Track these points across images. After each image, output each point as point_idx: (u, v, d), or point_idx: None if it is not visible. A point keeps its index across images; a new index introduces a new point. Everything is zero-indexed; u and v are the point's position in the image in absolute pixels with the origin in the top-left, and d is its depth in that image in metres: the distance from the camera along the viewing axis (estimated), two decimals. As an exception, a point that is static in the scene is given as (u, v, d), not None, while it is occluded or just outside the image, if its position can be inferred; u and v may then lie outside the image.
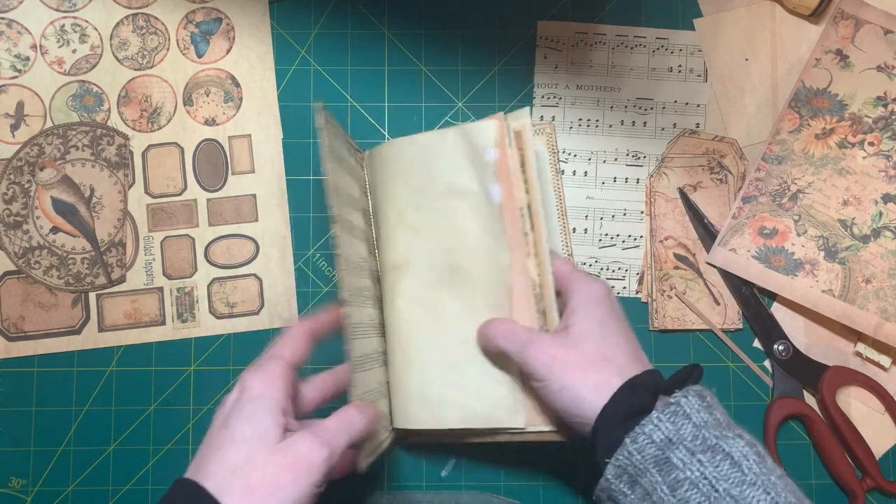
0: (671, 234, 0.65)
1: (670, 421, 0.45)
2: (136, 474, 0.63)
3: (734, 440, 0.45)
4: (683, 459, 0.44)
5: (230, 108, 0.66)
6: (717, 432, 0.45)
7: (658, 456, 0.45)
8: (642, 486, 0.45)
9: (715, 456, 0.44)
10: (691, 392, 0.47)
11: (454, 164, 0.57)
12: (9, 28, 0.65)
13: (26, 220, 0.65)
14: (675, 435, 0.45)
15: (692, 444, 0.44)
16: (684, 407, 0.46)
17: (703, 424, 0.45)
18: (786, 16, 0.67)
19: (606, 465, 0.47)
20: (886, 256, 0.63)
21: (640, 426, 0.46)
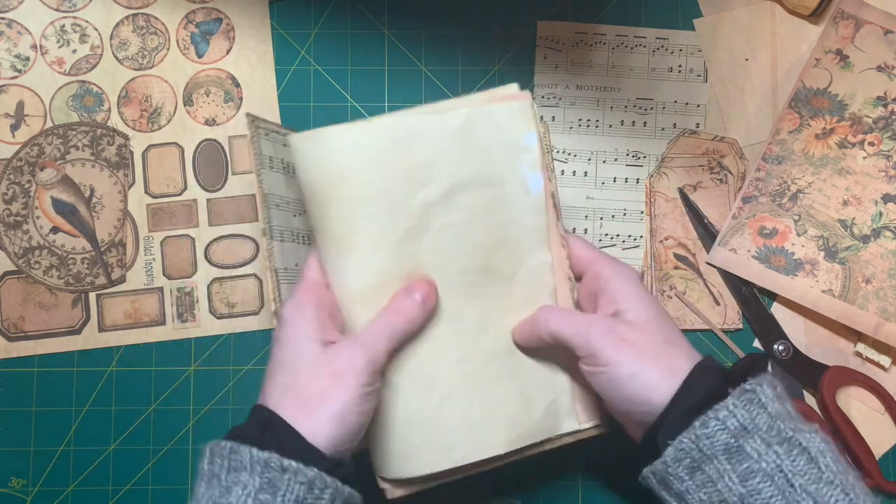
0: (671, 234, 0.65)
1: (745, 408, 0.42)
2: (136, 474, 0.63)
3: (811, 435, 0.42)
4: (758, 450, 0.42)
5: (230, 108, 0.66)
6: (792, 425, 0.43)
7: (730, 444, 0.42)
8: (706, 472, 0.43)
9: (791, 449, 0.42)
10: (765, 381, 0.44)
11: (482, 148, 0.49)
12: (9, 28, 0.65)
13: (26, 220, 0.65)
14: (750, 423, 0.42)
15: (767, 435, 0.42)
16: (760, 395, 0.43)
17: (777, 415, 0.43)
18: (786, 16, 0.67)
19: (666, 447, 0.44)
20: (886, 256, 0.63)
21: (714, 410, 0.43)
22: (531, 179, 0.50)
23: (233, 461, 0.42)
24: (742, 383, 0.44)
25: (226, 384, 0.64)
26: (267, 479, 0.41)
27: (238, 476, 0.41)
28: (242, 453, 0.42)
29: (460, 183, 0.49)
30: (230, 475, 0.42)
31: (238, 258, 0.65)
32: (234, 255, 0.65)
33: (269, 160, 0.54)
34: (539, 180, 0.50)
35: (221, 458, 0.43)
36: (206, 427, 0.63)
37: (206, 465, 0.44)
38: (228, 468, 0.42)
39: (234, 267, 0.65)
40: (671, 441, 0.44)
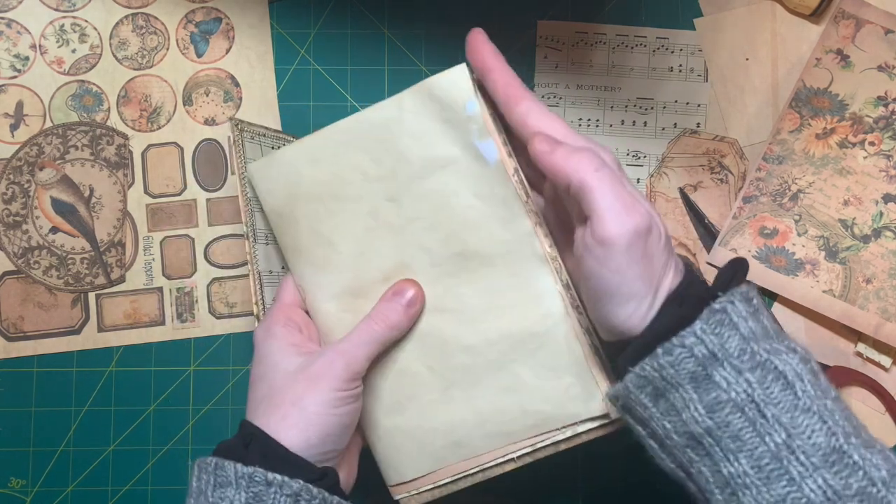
0: (672, 234, 0.65)
1: (715, 333, 0.39)
2: (135, 474, 0.63)
3: (787, 355, 0.39)
4: (728, 378, 0.38)
5: (230, 108, 0.66)
6: (767, 345, 0.39)
7: (697, 372, 0.39)
8: (669, 400, 0.40)
9: (766, 375, 0.38)
10: (738, 295, 0.40)
11: (424, 131, 0.47)
12: (8, 28, 0.65)
13: (26, 220, 0.64)
14: (719, 350, 0.39)
15: (738, 362, 0.38)
16: (731, 315, 0.39)
17: (751, 336, 0.39)
18: (786, 16, 0.67)
19: (628, 373, 0.41)
20: (887, 256, 0.63)
21: (679, 337, 0.39)
22: (484, 148, 0.46)
23: (218, 477, 0.42)
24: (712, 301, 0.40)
25: (225, 384, 0.64)
26: (253, 494, 0.41)
27: (224, 492, 0.42)
28: (227, 469, 0.42)
29: (414, 172, 0.48)
30: (216, 491, 0.42)
31: (237, 258, 0.65)
32: (233, 255, 0.65)
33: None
34: (493, 147, 0.46)
35: (207, 475, 0.43)
36: (205, 427, 0.63)
37: (194, 481, 0.44)
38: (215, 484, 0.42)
39: (233, 267, 0.65)
40: (632, 368, 0.41)
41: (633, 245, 0.41)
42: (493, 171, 0.47)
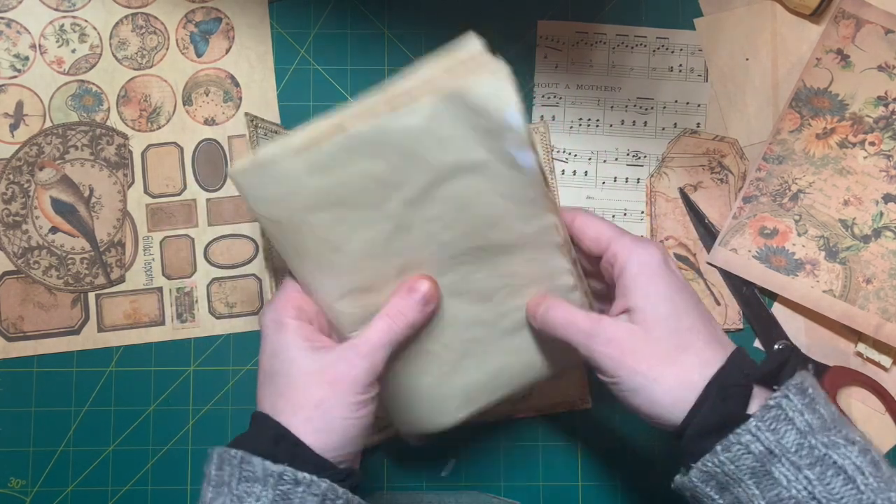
0: (671, 234, 0.65)
1: (770, 429, 0.40)
2: (135, 474, 0.63)
3: (846, 448, 0.40)
4: (787, 475, 0.39)
5: (230, 108, 0.66)
6: (825, 439, 0.40)
7: (756, 468, 0.40)
8: (734, 494, 0.41)
9: (825, 471, 0.39)
10: (792, 389, 0.41)
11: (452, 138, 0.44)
12: (8, 28, 0.65)
13: (25, 220, 0.64)
14: (776, 446, 0.40)
15: (797, 457, 0.39)
16: (787, 410, 0.40)
17: (808, 430, 0.40)
18: (786, 15, 0.67)
19: (691, 466, 0.42)
20: (887, 256, 0.63)
21: (736, 435, 0.40)
22: (521, 157, 0.45)
23: (244, 472, 0.42)
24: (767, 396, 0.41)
25: (225, 384, 0.64)
26: (281, 492, 0.41)
27: (251, 487, 0.41)
28: (255, 465, 0.42)
29: (437, 177, 0.45)
30: (241, 485, 0.42)
31: (237, 258, 0.65)
32: (233, 255, 0.65)
33: None
34: (529, 156, 0.45)
35: (231, 467, 0.42)
36: (205, 427, 0.63)
37: (213, 470, 0.43)
38: (239, 478, 0.42)
39: (233, 267, 0.65)
40: (694, 463, 0.42)
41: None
42: (527, 178, 0.46)
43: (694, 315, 0.44)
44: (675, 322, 0.43)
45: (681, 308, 0.44)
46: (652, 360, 0.43)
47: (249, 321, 0.64)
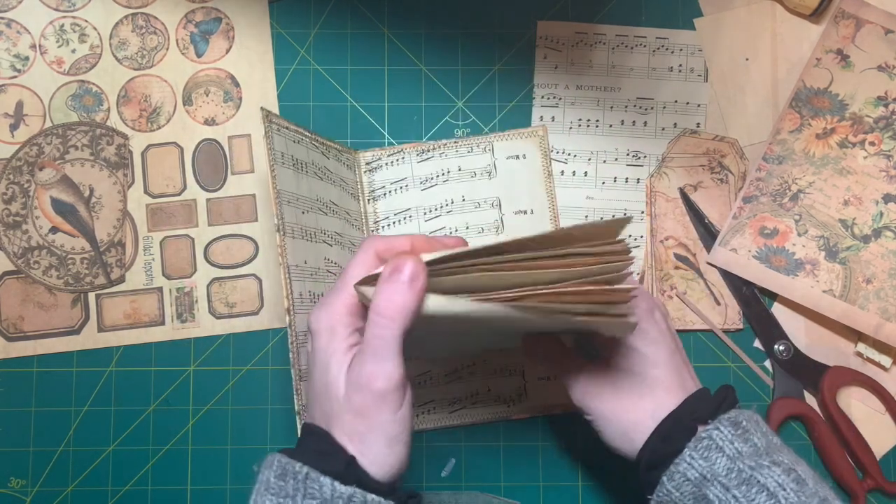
0: (671, 234, 0.65)
1: (703, 458, 0.45)
2: (135, 474, 0.63)
3: (769, 469, 0.44)
4: (719, 496, 0.44)
5: (230, 108, 0.66)
6: (752, 462, 0.45)
7: (695, 493, 0.45)
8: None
9: (750, 489, 0.43)
10: (724, 422, 0.46)
11: None
12: (8, 28, 0.65)
13: (25, 220, 0.64)
14: (708, 471, 0.45)
15: (726, 480, 0.44)
16: (716, 440, 0.45)
17: (737, 456, 0.45)
18: (786, 15, 0.67)
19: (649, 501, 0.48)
20: (887, 256, 0.63)
21: (675, 465, 0.46)
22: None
23: (310, 488, 0.42)
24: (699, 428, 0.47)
25: (225, 384, 0.64)
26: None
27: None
28: (324, 485, 0.42)
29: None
30: (306, 501, 0.41)
31: (237, 258, 0.65)
32: (233, 255, 0.65)
33: (280, 156, 0.55)
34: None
35: (296, 482, 0.42)
36: (205, 427, 0.63)
37: (272, 478, 0.42)
38: (305, 494, 0.41)
39: (233, 267, 0.65)
40: (650, 496, 0.47)
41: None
42: None
43: (661, 366, 0.49)
44: (639, 372, 0.49)
45: (649, 360, 0.49)
46: (611, 403, 0.49)
47: (249, 321, 0.64)
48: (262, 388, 0.64)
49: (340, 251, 0.60)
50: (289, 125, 0.57)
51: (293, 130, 0.57)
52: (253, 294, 0.64)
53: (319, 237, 0.57)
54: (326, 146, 0.61)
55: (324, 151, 0.60)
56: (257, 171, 0.65)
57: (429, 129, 0.66)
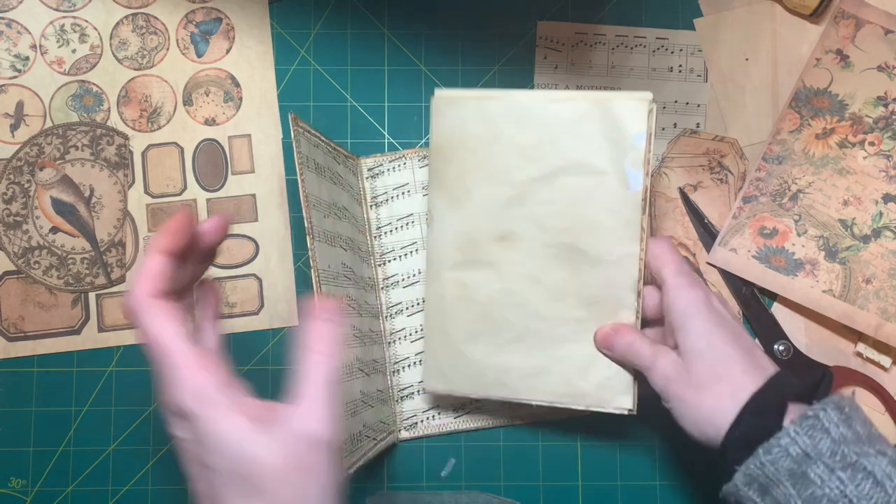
0: (671, 234, 0.65)
1: (808, 435, 0.44)
2: (136, 474, 0.63)
3: (876, 458, 0.43)
4: (822, 476, 0.43)
5: (230, 108, 0.66)
6: (857, 448, 0.44)
7: (793, 469, 0.44)
8: (773, 496, 0.45)
9: (856, 474, 0.43)
10: (830, 404, 0.45)
11: (589, 139, 0.53)
12: (8, 28, 0.65)
13: (26, 220, 0.65)
14: (812, 450, 0.44)
15: (831, 461, 0.43)
16: (823, 421, 0.45)
17: (841, 440, 0.44)
18: (786, 16, 0.67)
19: (735, 472, 0.46)
20: (887, 256, 0.63)
21: (776, 438, 0.45)
22: (633, 176, 0.53)
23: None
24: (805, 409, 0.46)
25: (225, 384, 0.64)
26: None
27: None
28: None
29: (565, 167, 0.54)
30: None
31: (238, 258, 0.65)
32: (233, 255, 0.65)
33: (306, 160, 0.55)
34: (640, 178, 0.53)
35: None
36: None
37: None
38: None
39: (233, 267, 0.65)
40: (738, 466, 0.46)
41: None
42: (632, 197, 0.53)
43: (731, 348, 0.49)
44: (710, 356, 0.49)
45: (718, 343, 0.49)
46: (691, 388, 0.49)
47: (249, 321, 0.64)
48: (262, 388, 0.64)
49: (353, 257, 0.60)
50: (309, 129, 0.57)
51: (313, 135, 0.57)
52: (253, 294, 0.65)
53: (337, 242, 0.57)
54: (337, 151, 0.61)
55: (335, 157, 0.60)
56: (257, 172, 0.65)
57: (429, 129, 0.66)
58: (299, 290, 0.65)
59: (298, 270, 0.65)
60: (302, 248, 0.65)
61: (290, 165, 0.65)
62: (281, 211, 0.65)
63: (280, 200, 0.65)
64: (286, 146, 0.66)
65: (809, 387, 0.48)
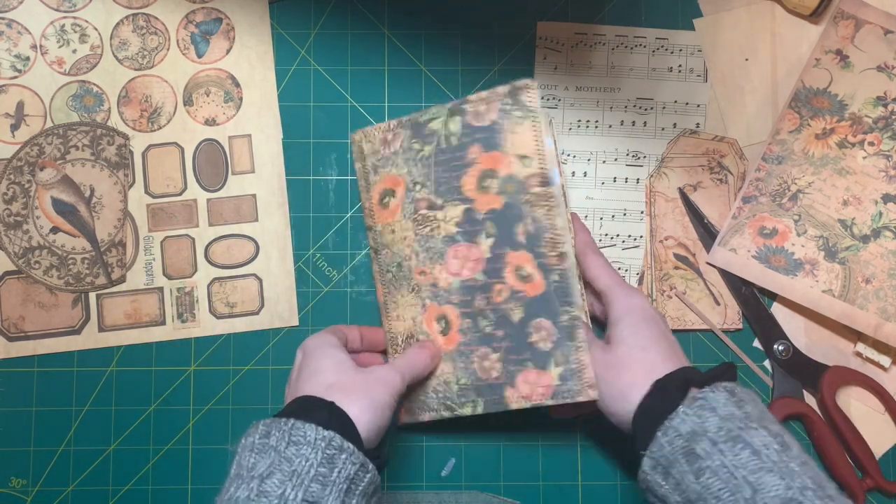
0: (671, 234, 0.65)
1: (696, 414, 0.47)
2: (136, 474, 0.63)
3: (757, 431, 0.46)
4: (706, 449, 0.46)
5: (230, 108, 0.66)
6: (741, 424, 0.47)
7: (685, 447, 0.47)
8: (674, 476, 0.47)
9: (735, 445, 0.46)
10: (720, 387, 0.49)
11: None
12: (9, 28, 0.65)
13: (26, 220, 0.65)
14: (699, 427, 0.47)
15: (716, 436, 0.46)
16: (710, 401, 0.48)
17: (728, 417, 0.47)
18: (786, 16, 0.67)
19: (643, 458, 0.49)
20: (886, 256, 0.63)
21: (669, 419, 0.48)
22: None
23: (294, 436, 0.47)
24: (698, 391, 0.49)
25: (226, 384, 0.64)
26: (327, 455, 0.46)
27: (299, 449, 0.46)
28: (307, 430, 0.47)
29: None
30: (290, 448, 0.46)
31: (238, 258, 0.65)
32: (234, 255, 0.65)
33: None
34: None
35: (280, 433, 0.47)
36: (205, 427, 0.63)
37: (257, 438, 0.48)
38: (288, 441, 0.46)
39: (234, 267, 0.65)
40: (644, 452, 0.49)
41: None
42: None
43: (655, 340, 0.54)
44: (634, 343, 0.53)
45: (644, 336, 0.54)
46: (612, 369, 0.53)
47: (250, 321, 0.64)
48: (262, 388, 0.64)
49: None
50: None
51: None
52: (253, 294, 0.65)
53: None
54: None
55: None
56: (257, 172, 0.65)
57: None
58: (299, 290, 0.65)
59: (298, 270, 0.65)
60: (302, 248, 0.65)
61: (290, 165, 0.65)
62: (281, 211, 0.65)
63: (280, 200, 0.65)
64: (286, 146, 0.66)
65: (713, 377, 0.51)
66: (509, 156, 0.57)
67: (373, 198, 0.62)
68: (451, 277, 0.59)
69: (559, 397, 0.55)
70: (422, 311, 0.60)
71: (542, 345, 0.56)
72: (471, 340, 0.58)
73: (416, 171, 0.59)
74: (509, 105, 0.56)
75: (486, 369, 0.58)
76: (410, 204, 0.60)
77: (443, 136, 0.58)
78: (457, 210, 0.58)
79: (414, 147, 0.59)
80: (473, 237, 0.58)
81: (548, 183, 0.56)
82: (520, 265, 0.57)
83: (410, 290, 0.60)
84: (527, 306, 0.57)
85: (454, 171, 0.58)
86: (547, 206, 0.56)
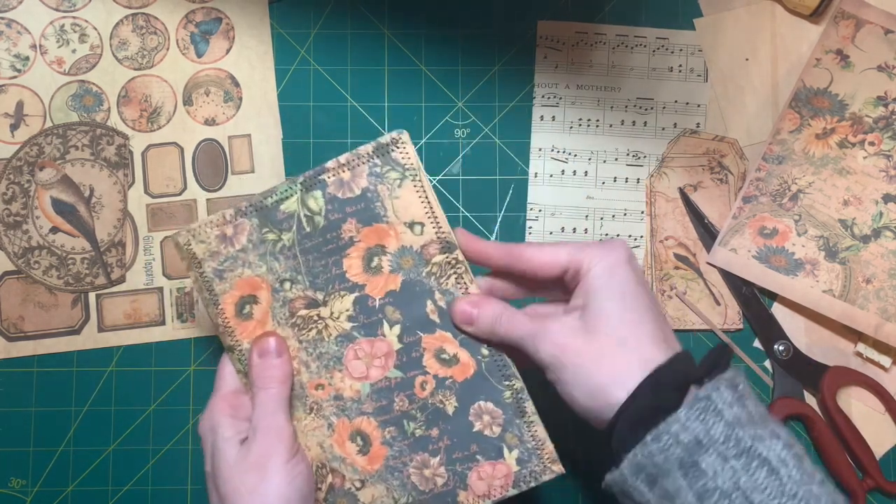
0: (671, 234, 0.65)
1: (700, 419, 0.40)
2: (136, 474, 0.63)
3: (771, 441, 0.40)
4: (714, 466, 0.40)
5: (230, 108, 0.66)
6: (752, 431, 0.40)
7: (684, 459, 0.40)
8: (663, 486, 0.41)
9: (750, 462, 0.39)
10: (723, 383, 0.42)
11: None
12: (8, 28, 0.65)
13: (26, 220, 0.65)
14: (704, 436, 0.40)
15: (724, 448, 0.40)
16: (716, 402, 0.41)
17: (735, 422, 0.40)
18: (786, 16, 0.67)
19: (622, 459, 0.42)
20: (887, 256, 0.63)
21: (666, 424, 0.41)
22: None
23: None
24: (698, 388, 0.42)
25: (225, 384, 0.64)
26: None
27: None
28: None
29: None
30: None
31: (238, 258, 0.65)
32: (233, 255, 0.65)
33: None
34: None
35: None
36: (205, 427, 0.63)
37: None
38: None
39: (233, 267, 0.65)
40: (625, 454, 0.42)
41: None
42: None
43: (644, 314, 0.44)
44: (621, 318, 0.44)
45: (632, 305, 0.44)
46: (590, 354, 0.44)
47: (249, 321, 0.64)
48: (262, 387, 0.64)
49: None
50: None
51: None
52: (253, 294, 0.65)
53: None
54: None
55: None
56: (257, 172, 0.65)
57: (429, 129, 0.66)
58: (299, 290, 0.65)
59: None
60: (302, 248, 0.65)
61: (290, 166, 0.65)
62: (281, 211, 0.65)
63: (280, 200, 0.65)
64: (286, 146, 0.66)
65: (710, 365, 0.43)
66: (395, 226, 0.49)
67: (225, 311, 0.51)
68: (358, 383, 0.50)
69: (521, 484, 0.50)
70: (329, 433, 0.51)
71: (489, 431, 0.49)
72: (401, 451, 0.50)
73: (278, 266, 0.50)
74: (379, 166, 0.49)
75: (427, 479, 0.50)
76: (282, 307, 0.50)
77: (303, 219, 0.50)
78: (345, 301, 0.50)
79: (268, 238, 0.50)
80: (374, 329, 0.50)
81: (450, 248, 0.49)
82: (440, 348, 0.50)
83: (308, 411, 0.51)
84: (460, 393, 0.49)
85: (330, 255, 0.50)
86: (455, 273, 0.49)
